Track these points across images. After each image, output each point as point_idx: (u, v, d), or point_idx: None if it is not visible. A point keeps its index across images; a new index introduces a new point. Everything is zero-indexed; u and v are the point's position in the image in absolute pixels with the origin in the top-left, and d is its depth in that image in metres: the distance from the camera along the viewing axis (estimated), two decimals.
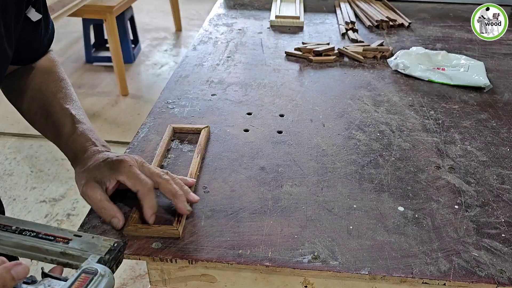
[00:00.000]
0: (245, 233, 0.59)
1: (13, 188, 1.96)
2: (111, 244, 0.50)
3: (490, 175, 0.72)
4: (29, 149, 2.21)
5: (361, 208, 0.64)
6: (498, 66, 1.13)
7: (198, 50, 1.18)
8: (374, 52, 1.16)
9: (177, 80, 1.01)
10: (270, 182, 0.69)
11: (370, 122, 0.86)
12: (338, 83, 1.02)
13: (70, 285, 0.43)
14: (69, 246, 0.49)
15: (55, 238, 0.50)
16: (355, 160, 0.75)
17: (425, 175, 0.71)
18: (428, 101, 0.95)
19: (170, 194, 0.59)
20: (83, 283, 0.43)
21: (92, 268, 0.45)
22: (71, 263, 0.49)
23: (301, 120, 0.86)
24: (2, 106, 2.56)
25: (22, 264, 0.43)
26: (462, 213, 0.64)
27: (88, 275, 0.44)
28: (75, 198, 1.90)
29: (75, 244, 0.49)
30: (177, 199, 0.59)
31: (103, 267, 0.46)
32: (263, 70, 1.07)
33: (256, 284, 0.58)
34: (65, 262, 0.49)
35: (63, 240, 0.50)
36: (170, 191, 0.59)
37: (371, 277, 0.54)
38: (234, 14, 1.47)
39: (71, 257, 0.49)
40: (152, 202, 0.58)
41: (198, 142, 0.76)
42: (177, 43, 3.60)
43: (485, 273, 0.54)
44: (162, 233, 0.58)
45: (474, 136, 0.83)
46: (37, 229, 0.51)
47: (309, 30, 1.34)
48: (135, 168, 0.60)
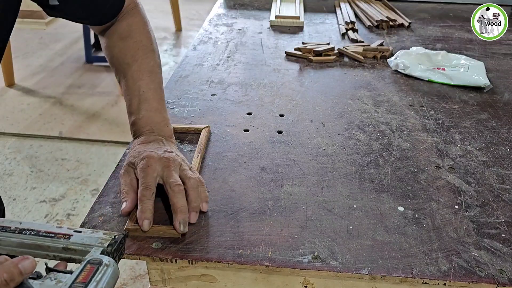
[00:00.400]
0: (245, 233, 0.59)
1: (13, 188, 1.96)
2: (111, 237, 0.50)
3: (490, 175, 0.72)
4: (29, 149, 2.21)
5: (361, 208, 0.64)
6: (498, 66, 1.13)
7: (198, 50, 1.18)
8: (374, 52, 1.16)
9: (177, 80, 1.01)
10: (270, 182, 0.69)
11: (370, 122, 0.86)
12: (338, 83, 1.02)
13: (76, 276, 0.43)
14: (71, 241, 0.49)
15: (56, 235, 0.50)
16: (355, 160, 0.75)
17: (425, 175, 0.71)
18: (428, 101, 0.95)
19: (173, 207, 0.58)
20: (90, 273, 0.44)
21: (97, 258, 0.46)
22: (74, 258, 0.49)
23: (301, 120, 0.86)
24: (2, 106, 2.56)
25: (30, 259, 0.43)
26: (462, 213, 0.64)
27: (94, 266, 0.45)
28: (75, 198, 1.90)
29: (77, 239, 0.50)
30: (175, 215, 0.58)
31: (107, 258, 0.46)
32: (263, 70, 1.07)
33: (256, 284, 0.58)
34: (68, 257, 0.49)
35: (64, 236, 0.50)
36: (174, 205, 0.58)
37: (371, 277, 0.54)
38: (234, 14, 1.47)
39: (74, 251, 0.49)
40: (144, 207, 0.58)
41: (199, 142, 0.76)
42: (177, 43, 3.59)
43: (485, 273, 0.54)
44: (162, 233, 0.58)
45: (474, 136, 0.83)
46: (36, 228, 0.51)
47: (309, 30, 1.34)
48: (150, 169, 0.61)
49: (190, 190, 0.60)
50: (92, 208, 0.63)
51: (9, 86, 2.77)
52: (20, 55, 3.10)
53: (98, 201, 0.65)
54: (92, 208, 0.63)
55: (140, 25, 0.76)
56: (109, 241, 0.49)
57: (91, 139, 2.27)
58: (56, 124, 2.38)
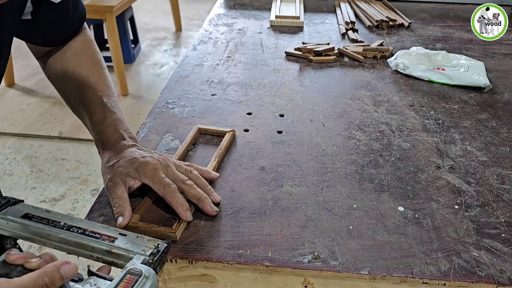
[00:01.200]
0: (245, 233, 0.59)
1: (13, 188, 1.96)
2: (155, 245, 0.50)
3: (490, 175, 0.72)
4: (29, 149, 2.21)
5: (361, 208, 0.64)
6: (498, 66, 1.13)
7: (198, 50, 1.18)
8: (374, 52, 1.16)
9: (177, 80, 1.01)
10: (270, 182, 0.69)
11: (370, 122, 0.86)
12: (338, 83, 1.02)
13: (115, 285, 0.43)
14: (115, 244, 0.50)
15: (101, 236, 0.50)
16: (355, 160, 0.75)
17: (425, 175, 0.71)
18: (428, 101, 0.95)
19: (195, 199, 0.61)
20: (128, 284, 0.44)
21: (137, 269, 0.46)
22: (116, 262, 0.49)
23: (301, 120, 0.86)
24: (2, 106, 2.56)
25: (71, 263, 0.43)
26: (462, 213, 0.64)
27: (133, 276, 0.45)
28: (75, 198, 1.90)
29: (120, 243, 0.50)
30: (203, 202, 0.61)
31: (147, 269, 0.46)
32: (263, 70, 1.07)
33: (256, 284, 0.58)
34: (111, 260, 0.49)
35: (108, 238, 0.50)
36: (195, 196, 0.61)
37: (371, 277, 0.54)
38: (234, 14, 1.47)
39: (116, 256, 0.49)
40: (180, 200, 0.60)
41: (220, 145, 0.76)
42: (177, 43, 3.60)
43: (485, 273, 0.54)
44: (161, 234, 0.58)
45: (474, 136, 0.83)
46: (84, 226, 0.51)
47: (309, 30, 1.34)
48: (159, 171, 0.62)
49: (197, 179, 0.64)
50: (92, 208, 0.63)
51: (9, 86, 2.77)
52: (20, 55, 3.10)
53: (98, 201, 0.65)
54: (92, 208, 0.63)
55: (92, 44, 0.78)
56: (151, 249, 0.49)
57: (91, 139, 2.25)
58: (56, 124, 2.39)
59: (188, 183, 0.62)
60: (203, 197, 0.61)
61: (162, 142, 0.78)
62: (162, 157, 0.65)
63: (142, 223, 0.59)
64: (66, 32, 0.74)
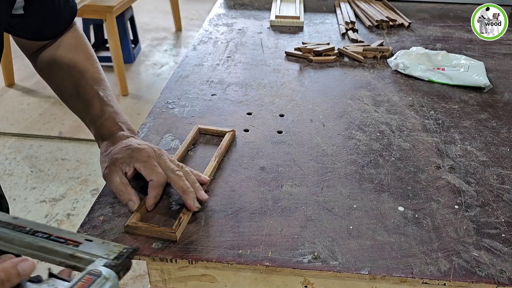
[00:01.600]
0: (245, 233, 0.59)
1: (13, 188, 1.96)
2: (120, 250, 0.50)
3: (490, 175, 0.72)
4: (29, 149, 2.21)
5: (361, 208, 0.64)
6: (498, 66, 1.13)
7: (198, 50, 1.18)
8: (374, 52, 1.16)
9: (177, 80, 1.01)
10: (270, 182, 0.69)
11: (370, 122, 0.86)
12: (338, 83, 1.02)
13: (72, 285, 0.43)
14: (79, 249, 0.49)
15: (66, 240, 0.50)
16: (355, 160, 0.75)
17: (425, 175, 0.71)
18: (428, 101, 0.95)
19: (181, 190, 0.61)
20: (86, 284, 0.43)
21: (97, 270, 0.45)
22: (79, 266, 0.49)
23: (301, 120, 0.86)
24: (2, 106, 2.56)
25: (29, 261, 0.43)
26: (462, 213, 0.64)
27: (92, 277, 0.44)
28: (75, 198, 1.90)
29: (85, 248, 0.49)
30: (187, 195, 0.61)
31: (108, 271, 0.46)
32: (263, 70, 1.07)
33: (256, 284, 0.58)
34: (73, 264, 0.49)
35: (73, 243, 0.50)
36: (181, 188, 0.61)
37: (371, 277, 0.54)
38: (234, 14, 1.47)
39: (80, 259, 0.49)
40: (158, 193, 0.61)
41: (220, 145, 0.76)
42: (177, 43, 3.59)
43: (485, 273, 0.54)
44: (161, 234, 0.58)
45: (474, 136, 0.83)
46: (49, 232, 0.51)
47: (309, 30, 1.34)
48: (152, 159, 0.62)
49: (188, 175, 0.64)
50: (92, 208, 0.63)
51: (9, 86, 2.77)
52: (20, 55, 3.09)
53: (98, 201, 0.65)
54: (92, 208, 0.63)
55: (84, 38, 0.78)
56: (116, 254, 0.49)
57: (91, 139, 2.26)
58: (56, 124, 2.38)
59: (178, 173, 0.62)
60: (188, 190, 0.61)
61: (162, 142, 0.78)
62: (158, 148, 0.66)
63: (142, 223, 0.59)
64: (58, 26, 0.75)
